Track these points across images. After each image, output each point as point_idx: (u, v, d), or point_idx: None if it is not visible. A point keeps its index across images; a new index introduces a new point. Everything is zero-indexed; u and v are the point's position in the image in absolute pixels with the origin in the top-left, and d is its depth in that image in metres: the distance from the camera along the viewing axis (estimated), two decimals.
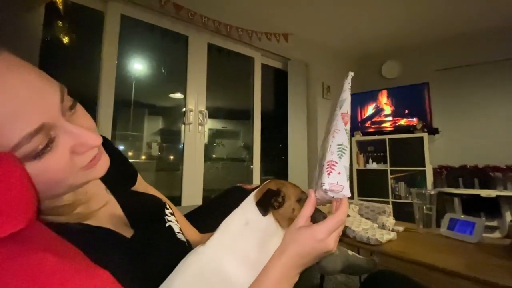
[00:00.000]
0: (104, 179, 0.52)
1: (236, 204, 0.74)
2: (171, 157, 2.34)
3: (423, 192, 1.05)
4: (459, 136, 2.83)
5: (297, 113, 2.79)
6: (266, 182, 0.55)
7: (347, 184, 0.40)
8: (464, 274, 0.62)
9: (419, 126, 2.70)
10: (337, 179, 0.40)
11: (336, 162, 0.41)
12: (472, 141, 2.75)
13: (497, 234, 2.02)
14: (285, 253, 0.41)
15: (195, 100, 2.19)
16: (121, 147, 2.08)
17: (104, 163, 0.40)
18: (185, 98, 2.17)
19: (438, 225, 1.03)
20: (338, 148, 0.42)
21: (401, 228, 1.01)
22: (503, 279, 0.58)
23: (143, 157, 2.21)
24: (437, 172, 2.77)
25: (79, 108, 0.38)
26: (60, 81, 0.36)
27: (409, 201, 2.61)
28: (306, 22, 2.64)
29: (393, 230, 0.98)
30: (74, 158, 0.35)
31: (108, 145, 0.60)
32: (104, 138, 0.61)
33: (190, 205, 2.05)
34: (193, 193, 2.13)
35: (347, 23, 2.68)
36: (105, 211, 0.47)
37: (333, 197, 0.43)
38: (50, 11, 1.68)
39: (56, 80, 0.35)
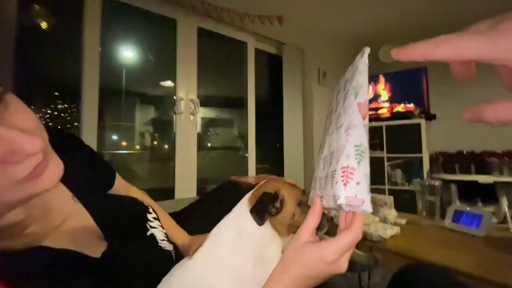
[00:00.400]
0: (71, 185, 0.44)
1: (230, 202, 0.66)
2: (165, 147, 2.26)
3: (426, 182, 1.01)
4: (456, 121, 2.79)
5: (293, 100, 2.70)
6: (261, 183, 0.48)
7: (368, 197, 0.31)
8: (477, 275, 0.58)
9: (416, 112, 2.65)
10: (355, 191, 0.30)
11: (354, 169, 0.31)
12: (469, 127, 2.71)
13: (493, 220, 2.02)
14: (287, 273, 0.34)
15: (185, 88, 2.08)
16: (114, 138, 1.99)
17: (54, 172, 0.31)
18: (175, 86, 2.06)
19: (442, 216, 0.98)
20: (356, 150, 0.31)
21: (403, 221, 0.97)
22: None
23: (137, 147, 2.12)
24: (433, 158, 2.75)
25: (12, 101, 0.29)
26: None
27: (406, 188, 2.60)
28: (301, 4, 2.50)
29: (395, 224, 0.94)
30: (6, 170, 0.26)
31: (74, 143, 0.51)
32: (69, 135, 0.52)
33: (184, 197, 2.00)
34: (186, 184, 2.06)
35: (344, 6, 2.55)
36: (69, 225, 0.39)
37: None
38: None
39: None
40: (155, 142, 2.20)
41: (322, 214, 0.41)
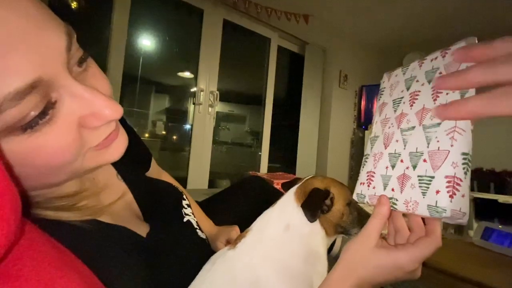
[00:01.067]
0: (116, 163, 0.44)
1: (256, 195, 0.65)
2: (176, 137, 2.27)
3: None
4: (476, 138, 2.70)
5: (311, 101, 2.67)
6: (307, 177, 0.46)
7: (468, 211, 0.29)
8: None
9: None
10: (460, 204, 0.28)
11: (461, 180, 0.28)
12: (490, 144, 2.63)
13: None
14: (353, 278, 0.31)
15: (206, 80, 2.08)
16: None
17: (121, 143, 0.30)
18: (196, 77, 2.06)
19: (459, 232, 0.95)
20: (464, 158, 0.28)
21: None
22: None
23: (147, 135, 2.13)
24: None
25: (92, 64, 0.27)
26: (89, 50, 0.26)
27: None
28: (328, 4, 2.46)
29: None
30: (83, 134, 0.25)
31: (121, 121, 0.51)
32: None
33: (196, 188, 2.00)
34: (199, 176, 2.06)
35: (371, 10, 2.50)
36: (119, 204, 0.38)
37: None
38: None
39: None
40: (167, 132, 2.21)
41: (363, 210, 0.39)
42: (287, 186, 0.49)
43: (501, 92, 0.17)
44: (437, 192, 0.28)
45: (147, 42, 1.98)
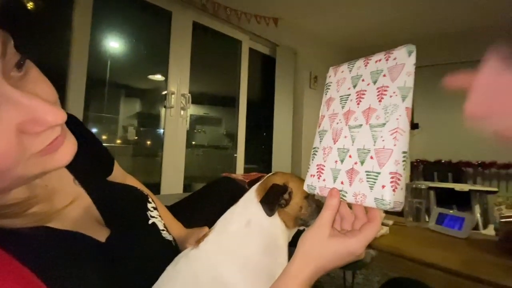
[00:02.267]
0: (73, 168, 0.43)
1: (227, 197, 0.66)
2: (149, 142, 2.21)
3: (414, 186, 1.05)
4: (436, 131, 2.94)
5: (284, 102, 2.73)
6: (269, 175, 0.48)
7: (404, 200, 0.32)
8: (462, 272, 0.61)
9: None
10: (400, 196, 0.31)
11: (401, 176, 0.31)
12: (448, 137, 2.87)
13: None
14: (310, 267, 0.33)
15: (177, 83, 2.05)
16: (94, 130, 1.90)
17: (69, 148, 0.29)
18: (166, 80, 2.02)
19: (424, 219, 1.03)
20: (404, 157, 0.31)
21: (390, 222, 1.00)
22: (502, 278, 0.58)
23: (118, 141, 2.05)
24: (414, 165, 2.88)
25: (34, 69, 0.27)
26: (28, 53, 0.26)
27: None
28: (297, 7, 2.54)
29: (383, 224, 0.97)
30: (24, 140, 0.24)
31: (77, 126, 0.49)
32: (71, 116, 0.50)
33: (170, 193, 1.96)
34: (173, 181, 2.02)
35: (339, 12, 2.63)
36: (73, 209, 0.37)
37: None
38: None
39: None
40: (139, 137, 2.14)
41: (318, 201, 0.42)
42: (252, 184, 0.50)
43: None
44: (383, 187, 0.31)
45: (114, 44, 1.91)
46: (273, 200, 0.41)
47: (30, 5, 1.66)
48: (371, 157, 0.33)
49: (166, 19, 2.01)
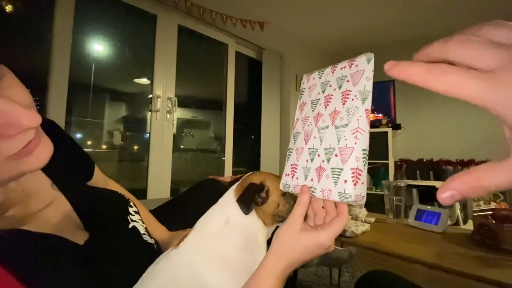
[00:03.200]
0: (51, 173, 0.42)
1: (211, 199, 0.67)
2: (136, 147, 2.17)
3: (394, 184, 1.09)
4: (418, 132, 3.05)
5: (271, 105, 2.76)
6: (247, 174, 0.50)
7: (365, 194, 0.35)
8: (436, 264, 0.64)
9: (384, 121, 2.85)
10: (361, 190, 0.34)
11: (362, 171, 0.34)
12: (429, 137, 2.98)
13: (448, 222, 2.23)
14: (283, 261, 0.35)
15: (163, 86, 2.04)
16: (78, 135, 1.86)
17: (44, 151, 0.30)
18: (152, 83, 2.01)
19: (405, 216, 1.07)
20: (363, 154, 0.35)
21: (372, 219, 1.03)
22: (472, 268, 0.61)
23: (104, 146, 2.01)
24: (397, 165, 2.97)
25: (8, 74, 0.28)
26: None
27: (373, 192, 2.77)
28: (282, 11, 2.59)
29: (365, 222, 1.00)
30: None
31: (55, 131, 0.49)
32: (49, 121, 0.50)
33: (157, 198, 1.94)
34: (160, 185, 2.00)
35: (323, 16, 2.69)
36: (49, 212, 0.37)
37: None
38: None
39: None
40: (125, 141, 2.11)
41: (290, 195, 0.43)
42: (233, 184, 0.51)
43: (441, 69, 0.17)
44: (345, 181, 0.34)
45: (99, 48, 1.88)
46: (249, 199, 0.42)
47: (8, 8, 1.62)
48: (336, 155, 0.36)
49: (151, 23, 2.00)
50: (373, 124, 2.95)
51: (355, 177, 0.34)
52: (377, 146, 2.80)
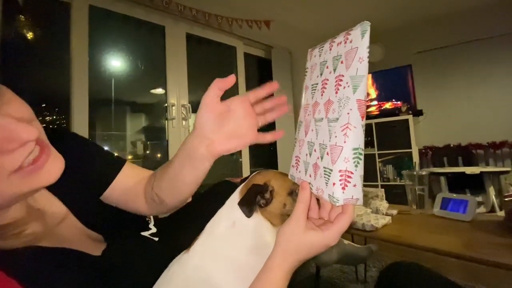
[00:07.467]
0: (59, 193, 0.43)
1: (224, 202, 0.67)
2: (158, 155, 2.25)
3: (414, 173, 1.04)
4: (442, 116, 2.88)
5: None
6: (253, 174, 0.49)
7: (361, 195, 0.31)
8: (464, 254, 0.61)
9: (404, 109, 2.73)
10: (352, 193, 0.30)
11: (352, 173, 0.30)
12: (455, 121, 2.81)
13: (482, 209, 2.09)
14: (289, 261, 0.35)
15: (176, 94, 2.09)
16: (105, 147, 1.96)
17: (55, 166, 0.31)
18: (166, 92, 2.07)
19: (430, 205, 1.02)
20: (354, 153, 0.30)
21: (394, 212, 0.99)
22: (504, 257, 0.57)
23: (129, 157, 2.11)
24: (422, 153, 2.82)
25: (7, 91, 0.29)
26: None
27: (398, 183, 2.65)
28: (287, 8, 2.56)
29: (387, 214, 0.97)
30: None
31: (74, 141, 0.51)
32: (69, 134, 0.52)
33: None
34: None
35: (328, 6, 2.63)
36: (63, 228, 0.39)
37: None
38: (8, 4, 1.53)
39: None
40: (147, 151, 2.19)
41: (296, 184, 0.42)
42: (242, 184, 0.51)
43: None
44: (333, 184, 0.31)
45: (116, 63, 1.98)
46: (250, 201, 0.41)
47: (29, 35, 1.75)
48: (327, 153, 0.33)
49: (160, 34, 2.07)
50: (392, 112, 2.82)
51: (344, 181, 0.30)
52: (398, 135, 2.68)
